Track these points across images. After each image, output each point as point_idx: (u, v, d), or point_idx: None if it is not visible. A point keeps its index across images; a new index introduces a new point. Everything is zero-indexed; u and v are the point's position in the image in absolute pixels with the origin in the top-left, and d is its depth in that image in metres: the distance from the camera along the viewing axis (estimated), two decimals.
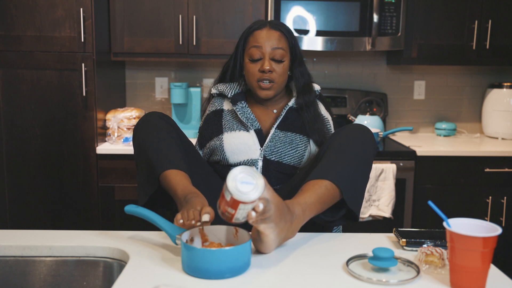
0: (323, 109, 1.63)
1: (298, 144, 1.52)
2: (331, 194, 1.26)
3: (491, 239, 0.96)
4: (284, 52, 1.53)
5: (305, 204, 1.20)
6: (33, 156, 2.50)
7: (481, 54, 2.82)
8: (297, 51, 1.59)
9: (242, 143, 1.51)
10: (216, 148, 1.54)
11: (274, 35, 1.52)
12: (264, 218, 1.06)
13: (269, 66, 1.50)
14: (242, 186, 1.01)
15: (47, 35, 2.44)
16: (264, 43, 1.51)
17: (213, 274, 1.04)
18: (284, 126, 1.54)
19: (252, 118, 1.54)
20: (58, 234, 1.33)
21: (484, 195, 2.64)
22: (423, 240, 1.22)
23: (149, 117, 1.43)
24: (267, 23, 1.56)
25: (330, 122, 1.62)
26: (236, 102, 1.56)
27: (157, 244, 1.25)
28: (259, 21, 1.58)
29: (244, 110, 1.55)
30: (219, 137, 1.54)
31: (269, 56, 1.51)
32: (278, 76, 1.52)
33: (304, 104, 1.55)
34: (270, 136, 1.52)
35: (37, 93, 2.46)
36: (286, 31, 1.55)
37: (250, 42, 1.54)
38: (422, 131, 3.23)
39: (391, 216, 2.50)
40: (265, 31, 1.53)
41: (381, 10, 2.70)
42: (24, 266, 1.25)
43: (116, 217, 2.55)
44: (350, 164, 1.30)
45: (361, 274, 1.06)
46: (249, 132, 1.53)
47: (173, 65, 3.08)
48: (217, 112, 1.60)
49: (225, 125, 1.56)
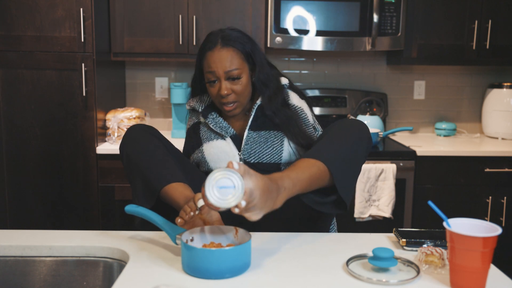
0: (296, 99, 1.59)
1: (274, 141, 1.51)
2: (322, 176, 1.26)
3: (491, 239, 0.96)
4: (240, 70, 1.48)
5: (296, 179, 1.19)
6: (33, 156, 2.50)
7: (481, 54, 2.82)
8: (256, 57, 1.52)
9: (221, 152, 1.52)
10: (200, 160, 1.56)
11: (226, 55, 1.46)
12: (248, 208, 1.04)
13: (226, 90, 1.47)
14: (220, 193, 0.99)
15: (47, 35, 2.44)
16: (217, 68, 1.46)
17: (213, 274, 1.04)
18: (256, 126, 1.54)
19: (225, 126, 1.54)
20: (58, 234, 1.33)
21: (484, 195, 2.64)
22: (423, 240, 1.22)
23: (132, 132, 1.43)
24: (218, 39, 1.48)
25: (304, 109, 1.58)
26: (207, 115, 1.56)
27: (157, 244, 1.25)
28: (212, 36, 1.50)
29: (216, 121, 1.55)
30: (199, 149, 1.56)
31: (224, 78, 1.47)
32: (239, 95, 1.50)
33: (273, 113, 1.52)
34: (245, 139, 1.52)
35: (37, 93, 2.46)
36: (239, 44, 1.49)
37: (204, 66, 1.50)
38: (422, 131, 3.23)
39: (391, 216, 2.50)
40: (216, 52, 1.47)
41: (381, 10, 2.70)
42: (24, 266, 1.25)
43: (116, 217, 2.55)
44: (344, 153, 1.30)
45: (361, 274, 1.06)
46: (226, 140, 1.53)
47: (173, 65, 3.08)
48: (195, 126, 1.62)
49: (203, 136, 1.57)
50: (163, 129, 3.12)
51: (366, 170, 2.48)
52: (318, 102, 3.06)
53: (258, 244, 1.25)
